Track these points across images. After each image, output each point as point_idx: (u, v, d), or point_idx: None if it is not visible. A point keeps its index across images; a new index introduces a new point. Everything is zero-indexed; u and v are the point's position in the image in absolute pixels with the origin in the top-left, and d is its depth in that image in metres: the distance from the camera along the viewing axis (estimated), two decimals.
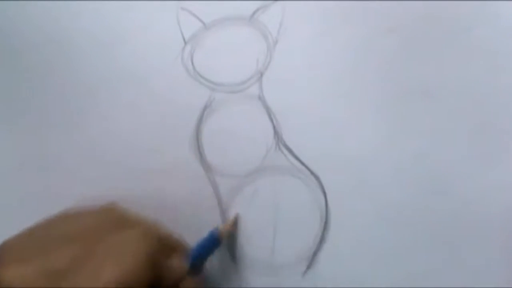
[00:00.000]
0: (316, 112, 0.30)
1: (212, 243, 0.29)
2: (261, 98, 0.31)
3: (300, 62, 0.31)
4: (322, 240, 0.30)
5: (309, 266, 0.30)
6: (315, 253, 0.30)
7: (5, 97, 0.33)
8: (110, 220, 0.26)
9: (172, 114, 0.31)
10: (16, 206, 0.32)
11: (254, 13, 0.31)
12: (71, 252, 0.23)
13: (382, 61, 0.30)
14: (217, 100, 0.31)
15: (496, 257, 0.28)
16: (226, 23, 0.32)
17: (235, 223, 0.30)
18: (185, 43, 0.32)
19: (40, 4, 0.33)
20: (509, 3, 0.29)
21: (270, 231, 0.30)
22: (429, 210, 0.29)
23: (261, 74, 0.31)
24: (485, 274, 0.28)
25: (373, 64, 0.30)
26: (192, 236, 0.28)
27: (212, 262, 0.30)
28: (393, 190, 0.29)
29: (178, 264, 0.26)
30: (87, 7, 0.33)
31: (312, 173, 0.30)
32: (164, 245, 0.26)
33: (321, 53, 0.31)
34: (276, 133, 0.31)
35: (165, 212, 0.30)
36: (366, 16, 0.30)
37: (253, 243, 0.30)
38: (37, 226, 0.25)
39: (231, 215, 0.30)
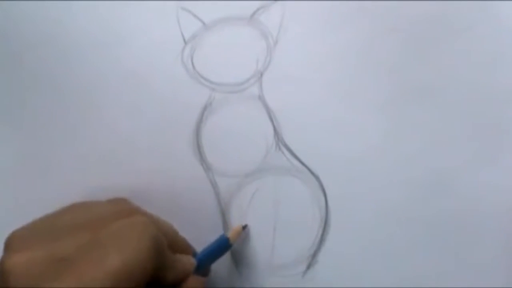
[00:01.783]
0: (316, 112, 0.30)
1: (221, 247, 0.29)
2: (261, 98, 0.31)
3: (300, 62, 0.31)
4: (322, 240, 0.30)
5: (309, 266, 0.30)
6: (315, 253, 0.30)
7: (5, 97, 0.33)
8: (118, 209, 0.25)
9: (172, 114, 0.31)
10: (16, 206, 0.32)
11: (254, 13, 0.31)
12: (77, 240, 0.22)
13: (382, 61, 0.30)
14: (217, 100, 0.31)
15: (496, 257, 0.28)
16: (226, 23, 0.32)
17: (245, 231, 0.30)
18: (185, 43, 0.32)
19: (40, 4, 0.33)
20: (509, 3, 0.29)
21: (270, 231, 0.30)
22: (429, 210, 0.29)
23: (261, 74, 0.31)
24: (485, 274, 0.28)
25: (374, 64, 0.30)
26: (192, 236, 0.28)
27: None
28: (393, 190, 0.29)
29: (185, 259, 0.26)
30: (87, 7, 0.33)
31: (312, 173, 0.30)
32: (171, 240, 0.26)
33: (321, 53, 0.31)
34: (276, 133, 0.31)
35: (165, 212, 0.30)
36: (366, 16, 0.30)
37: (253, 243, 0.30)
38: (45, 217, 0.25)
39: (241, 223, 0.30)
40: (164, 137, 0.31)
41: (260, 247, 0.30)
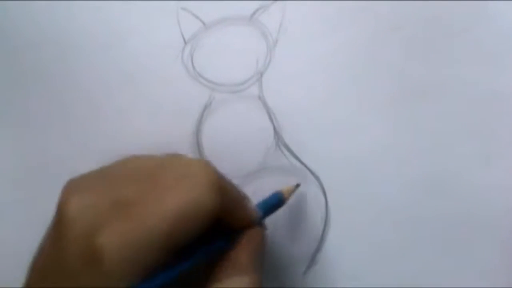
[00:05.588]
0: (316, 112, 0.30)
1: (275, 203, 0.28)
2: (261, 98, 0.31)
3: (300, 62, 0.31)
4: (322, 239, 0.30)
5: (309, 266, 0.30)
6: (315, 253, 0.30)
7: (4, 97, 0.33)
8: (176, 159, 0.25)
9: (172, 114, 0.31)
10: (16, 207, 0.32)
11: (254, 13, 0.31)
12: (137, 185, 0.22)
13: (383, 62, 0.30)
14: (217, 100, 0.31)
15: (496, 257, 0.28)
16: (226, 23, 0.32)
17: (297, 187, 0.30)
18: (185, 43, 0.32)
19: (40, 4, 0.33)
20: (509, 3, 0.29)
21: (270, 231, 0.30)
22: (429, 210, 0.29)
23: (261, 74, 0.31)
24: (485, 274, 0.28)
25: (374, 64, 0.30)
26: None
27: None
28: (393, 190, 0.29)
29: (251, 206, 0.26)
30: (87, 7, 0.33)
31: (312, 173, 0.30)
32: (237, 192, 0.25)
33: (321, 53, 0.31)
34: (276, 133, 0.31)
35: None
36: (367, 16, 0.30)
37: None
38: (103, 167, 0.25)
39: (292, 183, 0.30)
40: (164, 137, 0.31)
41: (264, 250, 0.30)
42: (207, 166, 0.23)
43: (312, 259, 0.30)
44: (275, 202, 0.28)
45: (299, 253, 0.30)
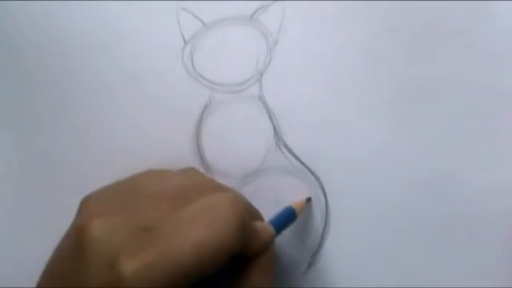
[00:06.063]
0: (316, 112, 0.30)
1: (287, 219, 0.28)
2: (261, 98, 0.31)
3: (300, 62, 0.31)
4: (322, 239, 0.30)
5: (309, 266, 0.30)
6: (315, 253, 0.30)
7: (4, 97, 0.33)
8: (195, 182, 0.25)
9: (172, 114, 0.31)
10: (16, 206, 0.32)
11: (254, 13, 0.31)
12: (160, 212, 0.22)
13: (383, 62, 0.30)
14: (217, 100, 0.31)
15: (496, 257, 0.28)
16: (226, 23, 0.32)
17: (308, 202, 0.30)
18: (185, 43, 0.32)
19: (41, 4, 0.33)
20: (509, 3, 0.29)
21: None
22: (429, 210, 0.29)
23: (261, 74, 0.31)
24: (485, 274, 0.28)
25: (374, 64, 0.30)
26: None
27: None
28: (394, 190, 0.29)
29: (265, 229, 0.25)
30: (87, 7, 0.33)
31: (312, 173, 0.30)
32: (249, 212, 0.25)
33: (321, 53, 0.31)
34: (276, 133, 0.31)
35: None
36: (367, 16, 0.30)
37: None
38: (120, 182, 0.24)
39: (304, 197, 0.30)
40: (164, 137, 0.31)
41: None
42: (235, 202, 0.23)
43: (312, 259, 0.30)
44: (287, 218, 0.28)
45: (299, 253, 0.30)
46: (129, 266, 0.19)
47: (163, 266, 0.20)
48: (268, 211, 0.30)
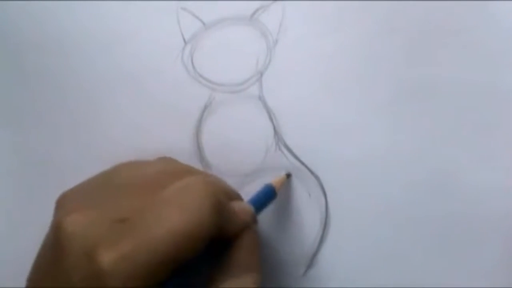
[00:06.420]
0: (316, 112, 0.30)
1: (267, 196, 0.28)
2: (261, 98, 0.31)
3: (300, 62, 0.31)
4: (322, 240, 0.30)
5: (309, 266, 0.30)
6: (315, 253, 0.30)
7: (5, 97, 0.33)
8: (172, 170, 0.25)
9: (172, 114, 0.31)
10: (16, 206, 0.32)
11: (254, 13, 0.31)
12: (135, 201, 0.22)
13: (383, 62, 0.30)
14: (217, 100, 0.31)
15: (496, 257, 0.28)
16: (226, 23, 0.32)
17: (287, 178, 0.30)
18: (185, 43, 0.32)
19: (40, 4, 0.33)
20: (509, 3, 0.29)
21: (270, 231, 0.30)
22: (429, 210, 0.29)
23: (261, 74, 0.31)
24: (485, 274, 0.28)
25: (374, 64, 0.30)
26: None
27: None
28: (394, 190, 0.29)
29: (244, 207, 0.25)
30: (87, 7, 0.33)
31: (312, 173, 0.30)
32: (226, 192, 0.25)
33: (321, 53, 0.31)
34: (276, 133, 0.31)
35: None
36: (367, 17, 0.30)
37: None
38: (96, 177, 0.24)
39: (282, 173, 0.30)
40: (164, 137, 0.31)
41: (260, 247, 0.30)
42: (208, 183, 0.23)
43: (312, 260, 0.30)
44: (267, 196, 0.28)
45: (298, 253, 0.30)
46: (107, 257, 0.20)
47: (141, 255, 0.20)
48: (268, 210, 0.30)
